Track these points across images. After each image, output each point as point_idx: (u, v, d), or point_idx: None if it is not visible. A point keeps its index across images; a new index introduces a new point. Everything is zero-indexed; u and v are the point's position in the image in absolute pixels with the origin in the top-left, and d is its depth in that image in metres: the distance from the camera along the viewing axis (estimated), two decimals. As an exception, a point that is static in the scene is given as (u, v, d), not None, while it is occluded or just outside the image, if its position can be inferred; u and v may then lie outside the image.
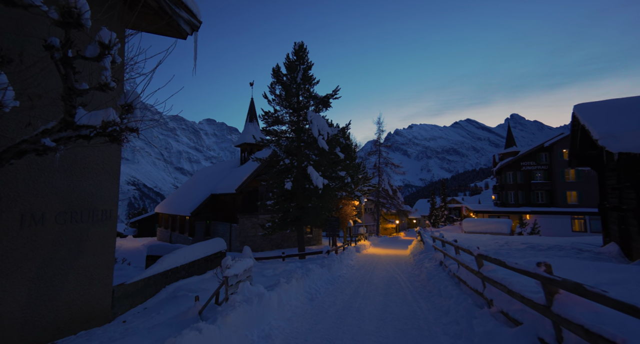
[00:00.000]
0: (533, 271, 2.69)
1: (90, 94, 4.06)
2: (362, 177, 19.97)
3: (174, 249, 10.10)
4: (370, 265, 13.35)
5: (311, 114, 12.44)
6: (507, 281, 3.59)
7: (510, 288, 3.44)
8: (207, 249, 9.53)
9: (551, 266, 2.61)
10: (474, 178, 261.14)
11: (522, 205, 38.39)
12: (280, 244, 23.46)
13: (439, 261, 9.44)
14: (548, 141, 36.93)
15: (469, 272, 5.61)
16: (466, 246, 5.32)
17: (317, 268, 8.52)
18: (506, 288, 3.52)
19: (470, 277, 5.52)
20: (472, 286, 5.35)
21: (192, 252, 8.62)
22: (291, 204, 12.40)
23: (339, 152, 13.60)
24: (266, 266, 9.80)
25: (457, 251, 6.73)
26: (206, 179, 29.85)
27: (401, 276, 10.16)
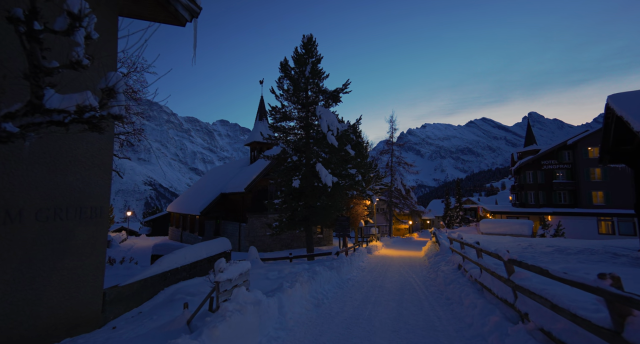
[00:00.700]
0: (594, 284, 2.07)
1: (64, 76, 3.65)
2: (373, 176, 19.27)
3: (178, 248, 9.78)
4: (382, 267, 12.70)
5: (320, 109, 11.91)
6: (548, 293, 2.95)
7: (554, 301, 2.80)
8: (211, 249, 9.13)
9: (620, 279, 1.98)
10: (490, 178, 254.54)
11: (543, 206, 36.64)
12: (290, 245, 23.04)
13: (457, 264, 8.72)
14: (571, 138, 35.09)
15: (496, 279, 4.94)
16: (493, 249, 4.65)
17: (324, 271, 7.97)
18: (549, 301, 2.88)
19: (497, 284, 4.85)
20: (499, 294, 4.68)
21: (194, 253, 8.23)
22: (299, 203, 11.91)
23: (349, 149, 13.02)
24: (272, 267, 9.33)
25: (480, 254, 6.04)
26: (216, 179, 29.81)
27: (415, 280, 9.49)
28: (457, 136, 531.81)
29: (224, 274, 3.86)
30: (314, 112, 12.52)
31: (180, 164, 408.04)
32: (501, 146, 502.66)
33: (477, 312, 4.76)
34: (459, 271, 8.23)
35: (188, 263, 7.84)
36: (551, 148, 36.31)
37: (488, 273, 5.16)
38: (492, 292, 5.04)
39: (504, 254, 4.03)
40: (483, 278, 5.75)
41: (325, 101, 13.12)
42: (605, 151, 11.88)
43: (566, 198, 35.38)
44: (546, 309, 3.18)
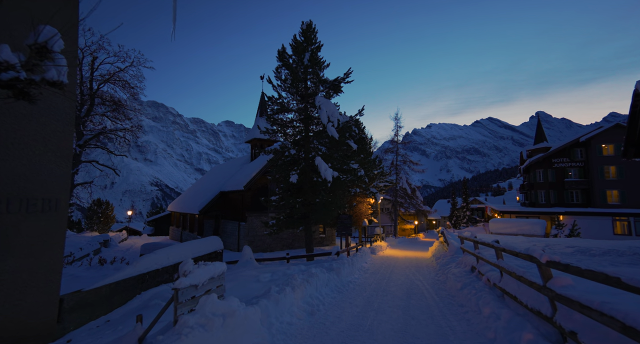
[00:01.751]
0: None
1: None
2: (378, 173, 18.41)
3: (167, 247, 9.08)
4: (387, 269, 11.85)
5: (320, 98, 11.12)
6: (616, 310, 2.12)
7: (628, 322, 1.97)
8: (199, 249, 8.38)
9: None
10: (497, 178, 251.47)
11: (554, 205, 35.33)
12: (291, 244, 22.28)
13: (470, 266, 7.85)
14: (584, 135, 33.77)
15: (523, 285, 4.09)
16: (522, 249, 3.80)
17: (322, 272, 7.17)
18: (618, 321, 2.05)
19: (526, 292, 4.00)
20: (528, 304, 3.83)
21: (179, 252, 7.48)
22: (297, 199, 11.14)
23: (351, 143, 12.20)
24: (266, 268, 8.56)
25: (500, 255, 5.18)
26: (217, 177, 29.20)
27: (423, 283, 8.63)
28: (463, 136, 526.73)
29: (187, 278, 3.09)
30: (313, 104, 11.73)
31: (186, 165, 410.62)
32: (508, 146, 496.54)
33: (501, 325, 3.92)
34: (472, 273, 7.36)
35: (171, 263, 7.09)
36: (563, 146, 35.01)
37: (512, 277, 4.31)
38: (518, 300, 4.19)
39: (539, 254, 3.19)
40: (505, 283, 4.89)
41: (326, 92, 12.33)
42: (631, 143, 10.89)
43: (579, 197, 34.06)
44: (608, 330, 2.35)
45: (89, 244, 20.98)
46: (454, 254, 11.96)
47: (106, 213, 34.56)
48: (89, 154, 22.75)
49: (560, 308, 3.08)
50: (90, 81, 19.24)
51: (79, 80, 18.29)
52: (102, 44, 17.81)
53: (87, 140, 18.99)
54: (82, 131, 18.84)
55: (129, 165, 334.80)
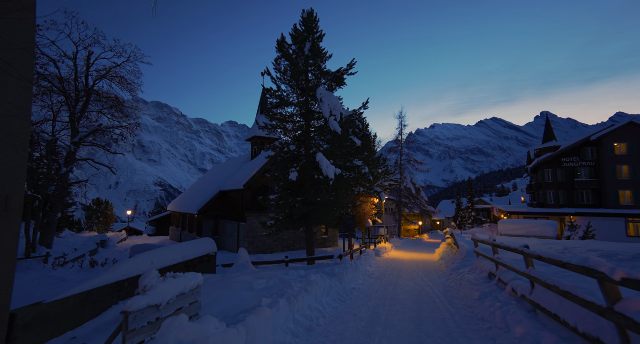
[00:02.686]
0: None
1: None
2: (382, 172, 17.63)
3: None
4: (393, 273, 11.08)
5: (322, 91, 10.39)
6: None
7: None
8: (190, 252, 7.67)
9: None
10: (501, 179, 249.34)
11: (564, 206, 34.28)
12: (292, 246, 21.57)
13: (487, 272, 7.07)
14: (595, 133, 32.70)
15: (568, 301, 3.33)
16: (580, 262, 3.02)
17: (323, 279, 6.44)
18: None
19: (573, 311, 3.23)
20: (578, 327, 3.06)
21: (166, 256, 6.78)
22: (298, 198, 10.41)
23: (355, 139, 11.45)
24: (263, 274, 7.84)
25: (530, 262, 4.41)
26: (217, 176, 28.59)
27: (435, 291, 7.86)
28: (467, 136, 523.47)
29: (144, 297, 2.37)
30: (314, 97, 11.00)
31: (189, 165, 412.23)
32: (512, 146, 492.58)
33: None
34: (491, 281, 6.58)
35: (156, 269, 6.37)
36: (573, 145, 33.94)
37: (552, 291, 3.54)
38: (560, 320, 3.42)
39: (609, 269, 2.42)
40: (538, 296, 4.12)
41: (328, 85, 11.60)
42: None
43: (589, 198, 33.00)
44: None
45: (85, 245, 20.43)
46: (465, 258, 11.17)
47: (106, 213, 34.11)
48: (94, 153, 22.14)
49: (637, 341, 2.32)
50: (86, 77, 18.66)
51: (73, 76, 17.73)
52: (97, 38, 17.23)
53: (83, 137, 18.41)
54: (77, 128, 18.27)
55: (134, 165, 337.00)
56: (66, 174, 17.78)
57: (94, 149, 20.96)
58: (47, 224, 17.09)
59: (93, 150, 21.35)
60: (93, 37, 17.06)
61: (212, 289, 6.40)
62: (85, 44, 17.08)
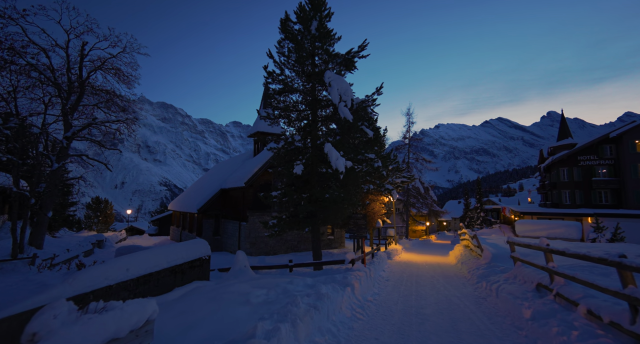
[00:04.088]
0: None
1: None
2: (393, 168, 16.43)
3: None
4: (410, 279, 9.88)
5: (330, 74, 9.23)
6: None
7: None
8: (177, 255, 6.56)
9: None
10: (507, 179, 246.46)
11: (580, 206, 32.73)
12: (297, 247, 20.42)
13: (533, 283, 5.85)
14: (615, 130, 31.13)
15: None
16: None
17: (335, 291, 5.28)
18: None
19: None
20: None
21: (146, 261, 5.67)
22: (303, 195, 9.27)
23: (366, 129, 10.26)
24: (263, 281, 6.70)
25: (630, 280, 3.20)
26: (219, 174, 27.56)
27: (465, 303, 6.65)
28: (472, 136, 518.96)
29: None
30: (321, 82, 9.83)
31: (194, 165, 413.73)
32: (518, 147, 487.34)
33: None
34: (542, 295, 5.36)
35: (132, 277, 5.28)
36: (590, 142, 32.39)
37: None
38: None
39: None
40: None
41: (337, 70, 10.45)
42: None
43: (608, 198, 31.44)
44: None
45: (80, 245, 19.48)
46: (491, 263, 9.94)
47: (105, 212, 33.28)
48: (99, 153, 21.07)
49: None
50: (80, 68, 17.68)
51: (65, 66, 16.77)
52: (90, 26, 16.25)
53: (76, 131, 17.44)
54: (70, 122, 17.31)
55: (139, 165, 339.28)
56: (58, 170, 16.81)
57: (95, 145, 19.92)
58: (37, 223, 16.14)
59: (99, 149, 20.27)
60: (85, 25, 16.09)
61: (199, 302, 5.27)
62: (76, 31, 16.10)
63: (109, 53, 18.40)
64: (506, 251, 10.60)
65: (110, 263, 5.09)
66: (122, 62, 18.76)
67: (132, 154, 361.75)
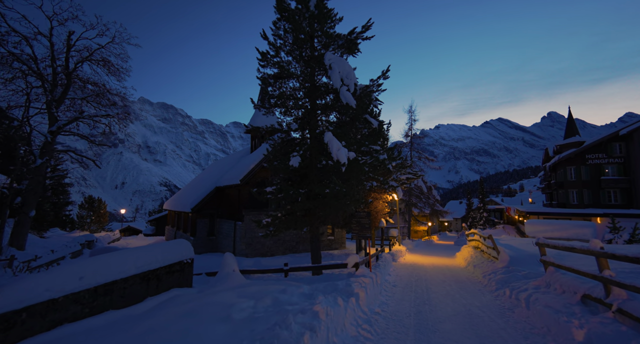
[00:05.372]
0: None
1: None
2: (397, 165, 15.47)
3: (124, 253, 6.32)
4: (419, 284, 8.89)
5: (330, 56, 8.26)
6: None
7: None
8: (149, 259, 5.58)
9: None
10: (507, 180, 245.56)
11: (589, 206, 31.73)
12: (295, 248, 19.42)
13: (577, 293, 4.86)
14: (625, 127, 30.13)
15: None
16: None
17: (336, 306, 4.29)
18: None
19: None
20: None
21: (106, 267, 4.70)
22: (300, 190, 8.30)
23: (370, 119, 9.28)
24: (251, 289, 5.71)
25: None
26: (215, 172, 26.58)
27: (490, 316, 5.67)
28: (472, 137, 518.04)
29: None
30: (321, 66, 8.85)
31: (194, 166, 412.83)
32: (518, 147, 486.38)
33: None
34: (592, 310, 4.38)
35: (87, 286, 4.30)
36: (599, 140, 31.39)
37: None
38: None
39: None
40: None
41: (339, 53, 9.49)
42: None
43: (617, 197, 30.43)
44: None
45: (67, 246, 18.47)
46: (510, 267, 8.95)
47: (99, 211, 32.29)
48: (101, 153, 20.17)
49: None
50: (66, 59, 16.71)
51: (49, 56, 15.81)
52: (75, 13, 15.30)
53: (61, 126, 16.48)
54: (55, 116, 16.34)
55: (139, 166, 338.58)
56: (42, 166, 15.85)
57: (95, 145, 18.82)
58: (19, 223, 15.16)
59: (99, 149, 19.24)
60: (70, 11, 15.14)
61: (171, 317, 4.29)
62: (60, 18, 15.14)
63: (98, 43, 17.46)
64: (525, 254, 9.62)
65: (57, 269, 4.10)
66: (111, 53, 17.82)
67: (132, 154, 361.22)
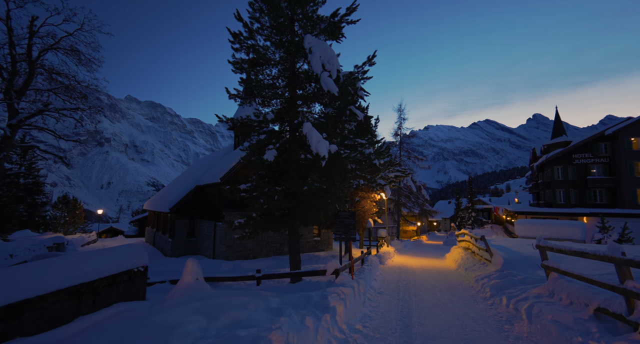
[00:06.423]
0: None
1: None
2: (385, 162, 14.77)
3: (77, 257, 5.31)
4: (408, 290, 8.14)
5: (310, 39, 7.41)
6: None
7: None
8: (84, 269, 4.63)
9: None
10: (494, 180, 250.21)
11: (575, 205, 31.88)
12: (280, 250, 18.50)
13: (588, 306, 4.16)
14: (610, 127, 30.37)
15: None
16: None
17: (304, 328, 3.45)
18: None
19: None
20: None
21: (13, 282, 3.73)
22: (277, 187, 7.43)
23: (356, 110, 8.49)
24: (211, 302, 4.82)
25: None
26: (197, 170, 25.37)
27: (488, 331, 4.92)
28: (461, 138, 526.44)
29: None
30: (300, 50, 7.98)
31: (183, 165, 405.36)
32: (505, 148, 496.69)
33: None
34: (618, 333, 3.66)
35: None
36: (585, 139, 31.58)
37: None
38: None
39: None
40: None
41: (323, 38, 8.67)
42: None
43: (603, 197, 30.63)
44: None
45: (31, 249, 17.04)
46: (503, 270, 8.30)
47: (73, 212, 30.53)
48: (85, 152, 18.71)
49: None
50: (29, 46, 15.34)
51: (7, 41, 14.45)
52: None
53: (23, 119, 15.11)
54: (16, 108, 14.97)
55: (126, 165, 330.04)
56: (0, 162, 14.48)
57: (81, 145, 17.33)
58: (-28, 224, 13.75)
59: (86, 148, 17.88)
60: (31, -7, 13.84)
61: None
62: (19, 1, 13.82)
63: (65, 31, 16.13)
64: (520, 256, 9.00)
65: None
66: (80, 41, 16.51)
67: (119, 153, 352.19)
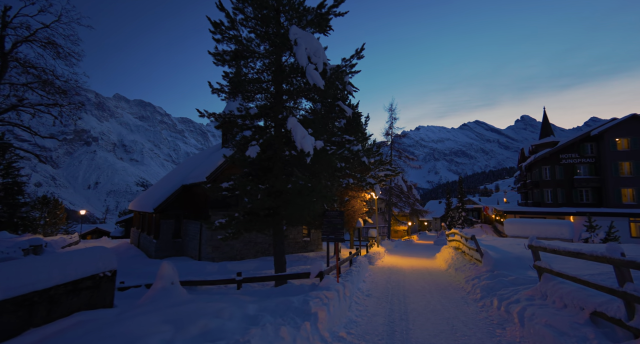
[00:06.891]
0: None
1: None
2: (376, 161, 14.52)
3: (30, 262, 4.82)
4: (397, 292, 7.87)
5: (296, 30, 7.07)
6: None
7: None
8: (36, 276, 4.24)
9: None
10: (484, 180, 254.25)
11: (562, 205, 32.34)
12: (268, 250, 18.07)
13: (584, 309, 3.92)
14: (596, 128, 30.89)
15: None
16: None
17: (277, 339, 3.10)
18: None
19: None
20: None
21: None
22: (260, 186, 7.08)
23: (344, 106, 8.20)
24: (183, 308, 4.43)
25: None
26: (184, 169, 24.71)
27: (479, 335, 4.66)
28: (451, 139, 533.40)
29: None
30: (285, 42, 7.62)
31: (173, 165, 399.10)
32: (494, 149, 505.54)
33: None
34: (618, 341, 3.43)
35: None
36: (572, 140, 32.07)
37: None
38: None
39: None
40: None
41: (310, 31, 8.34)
42: None
43: (589, 196, 31.13)
44: None
45: (4, 252, 16.20)
46: (493, 270, 8.12)
47: (54, 212, 29.43)
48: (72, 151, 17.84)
49: None
50: (1, 38, 14.56)
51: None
52: (11, -17, 13.31)
53: (-5, 114, 14.35)
54: (-13, 102, 14.20)
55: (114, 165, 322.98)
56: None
57: (67, 144, 16.57)
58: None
59: (70, 148, 17.05)
60: (3, -20, 13.09)
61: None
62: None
63: (41, 22, 15.40)
64: (511, 256, 8.84)
65: None
66: (57, 33, 15.77)
67: (107, 153, 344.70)
